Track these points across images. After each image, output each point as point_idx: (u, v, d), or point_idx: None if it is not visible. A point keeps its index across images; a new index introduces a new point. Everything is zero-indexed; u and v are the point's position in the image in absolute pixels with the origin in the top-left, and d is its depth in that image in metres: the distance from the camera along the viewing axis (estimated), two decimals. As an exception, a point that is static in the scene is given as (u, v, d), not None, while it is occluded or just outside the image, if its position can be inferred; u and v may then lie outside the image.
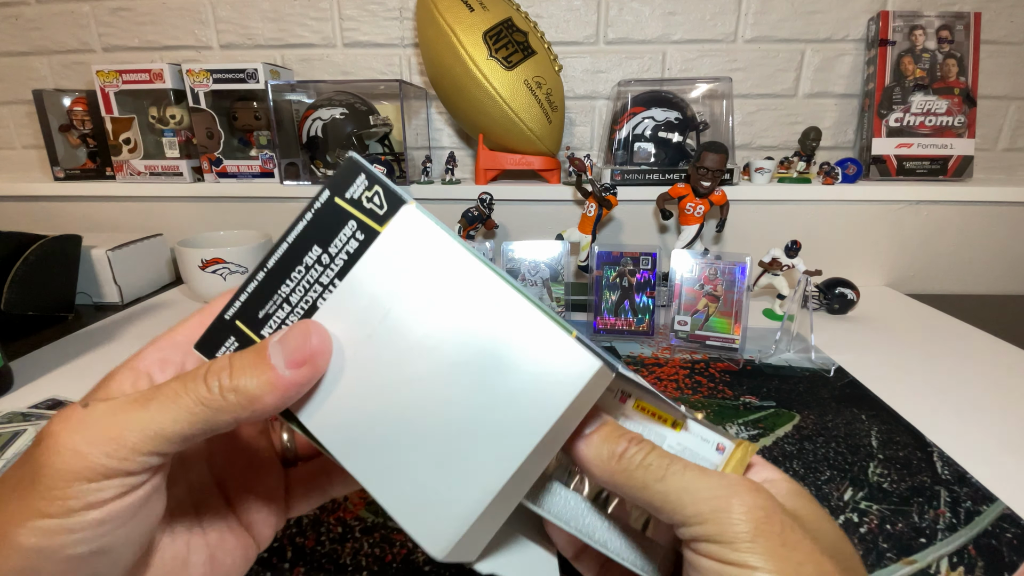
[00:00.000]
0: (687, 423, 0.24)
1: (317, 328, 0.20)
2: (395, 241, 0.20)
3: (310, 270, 0.21)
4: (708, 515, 0.19)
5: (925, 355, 0.65)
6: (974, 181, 0.92)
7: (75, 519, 0.17)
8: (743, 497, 0.19)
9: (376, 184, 0.21)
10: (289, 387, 0.19)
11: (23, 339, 0.70)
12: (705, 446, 0.24)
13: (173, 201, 0.98)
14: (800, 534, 0.19)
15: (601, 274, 0.70)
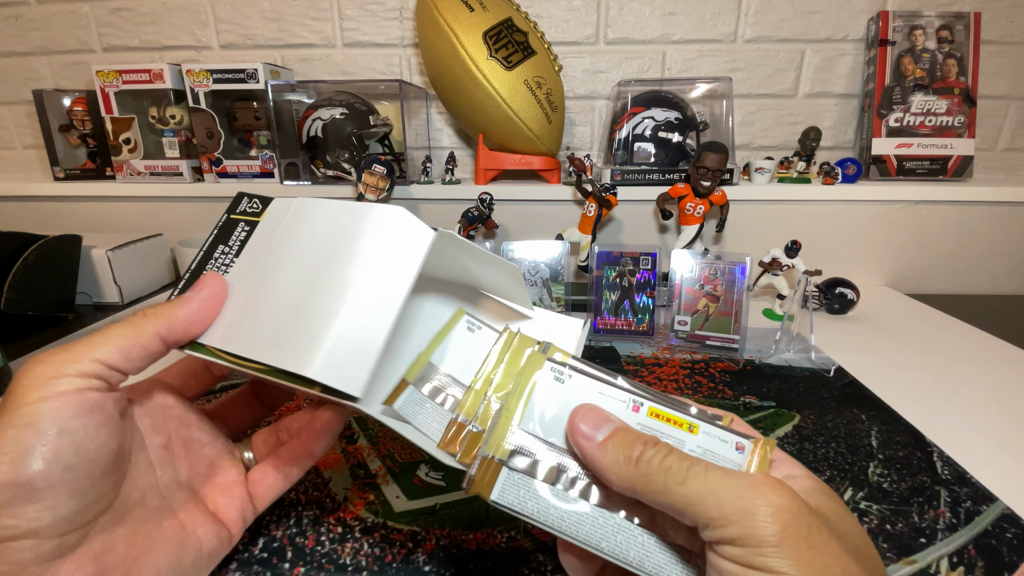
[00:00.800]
0: (701, 425, 0.24)
1: (212, 274, 0.29)
2: (268, 219, 0.32)
3: (218, 260, 0.32)
4: (732, 517, 0.19)
5: (925, 355, 0.65)
6: (974, 181, 0.92)
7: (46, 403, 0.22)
8: (768, 498, 0.19)
9: (255, 197, 0.35)
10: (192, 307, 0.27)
11: (23, 339, 0.70)
12: (724, 447, 0.24)
13: (173, 201, 0.98)
14: (827, 536, 0.19)
15: (601, 274, 0.70)
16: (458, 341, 0.32)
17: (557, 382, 0.26)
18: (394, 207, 0.28)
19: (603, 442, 0.23)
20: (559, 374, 0.26)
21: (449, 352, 0.31)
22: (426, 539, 0.36)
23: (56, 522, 0.21)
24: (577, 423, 0.24)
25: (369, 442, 0.47)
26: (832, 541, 0.19)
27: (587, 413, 0.24)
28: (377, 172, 0.75)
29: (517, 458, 0.24)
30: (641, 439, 0.22)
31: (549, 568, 0.34)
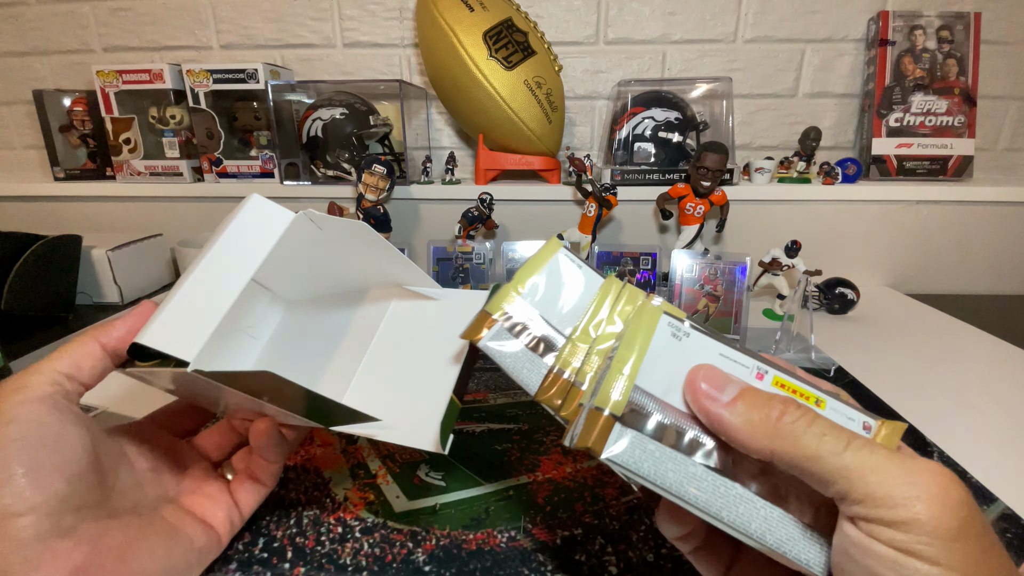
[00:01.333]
0: (828, 400, 0.22)
1: (146, 301, 0.30)
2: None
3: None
4: (901, 500, 0.17)
5: (925, 355, 0.65)
6: (974, 181, 0.92)
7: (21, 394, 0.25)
8: (947, 488, 0.17)
9: None
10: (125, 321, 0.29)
11: (23, 339, 0.70)
12: (851, 424, 0.22)
13: (173, 201, 0.98)
14: (995, 540, 0.18)
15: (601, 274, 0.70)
16: (552, 277, 0.27)
17: (674, 339, 0.24)
18: (254, 195, 0.32)
19: (732, 401, 0.21)
20: (676, 331, 0.24)
21: (542, 289, 0.27)
22: (426, 539, 0.36)
23: (48, 500, 0.23)
24: (698, 382, 0.22)
25: (369, 442, 0.47)
26: (999, 545, 0.18)
27: (709, 372, 0.23)
28: (377, 172, 0.75)
29: (631, 414, 0.22)
30: (779, 399, 0.21)
31: (549, 568, 0.34)
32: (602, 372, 0.24)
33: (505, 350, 0.25)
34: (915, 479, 0.18)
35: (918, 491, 0.17)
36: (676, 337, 0.24)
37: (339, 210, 0.81)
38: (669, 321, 0.24)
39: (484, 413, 0.51)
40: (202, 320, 0.27)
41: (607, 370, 0.23)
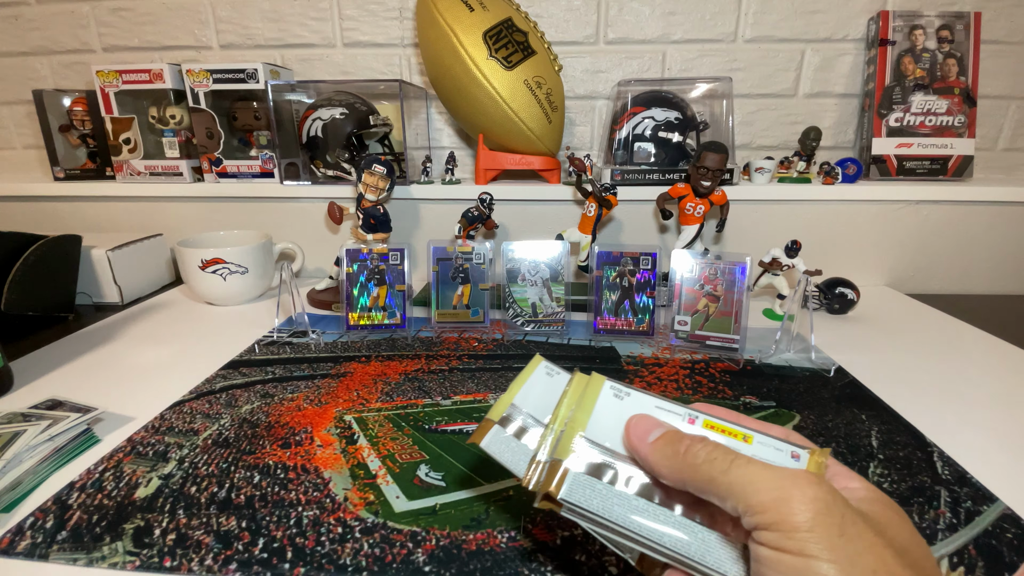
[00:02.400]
0: (756, 436, 0.26)
1: None
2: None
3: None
4: (769, 504, 0.20)
5: (925, 355, 0.65)
6: (974, 181, 0.92)
7: None
8: (804, 489, 0.20)
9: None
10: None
11: (23, 339, 0.70)
12: (780, 455, 0.25)
13: (173, 201, 0.98)
14: (862, 527, 0.20)
15: (601, 274, 0.70)
16: (538, 384, 0.33)
17: (617, 399, 0.29)
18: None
19: (654, 441, 0.25)
20: (618, 392, 0.29)
21: (531, 394, 0.33)
22: (426, 539, 0.36)
23: None
24: (631, 428, 0.26)
25: (369, 442, 0.47)
26: (867, 532, 0.19)
27: (640, 420, 0.27)
28: (377, 172, 0.75)
29: (581, 461, 0.26)
30: (688, 437, 0.24)
31: (549, 568, 0.34)
32: (560, 434, 0.28)
33: (500, 446, 0.30)
34: (780, 484, 0.20)
35: (781, 493, 0.20)
36: (618, 398, 0.29)
37: (339, 210, 0.81)
38: (611, 385, 0.30)
39: (484, 413, 0.51)
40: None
41: (564, 432, 0.28)
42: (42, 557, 0.35)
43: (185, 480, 0.42)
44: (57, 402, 0.52)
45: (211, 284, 0.79)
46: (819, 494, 0.20)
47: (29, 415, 0.49)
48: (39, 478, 0.43)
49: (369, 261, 0.71)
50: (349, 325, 0.71)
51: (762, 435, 0.26)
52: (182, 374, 0.60)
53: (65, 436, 0.47)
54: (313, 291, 0.85)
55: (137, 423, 0.51)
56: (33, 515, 0.39)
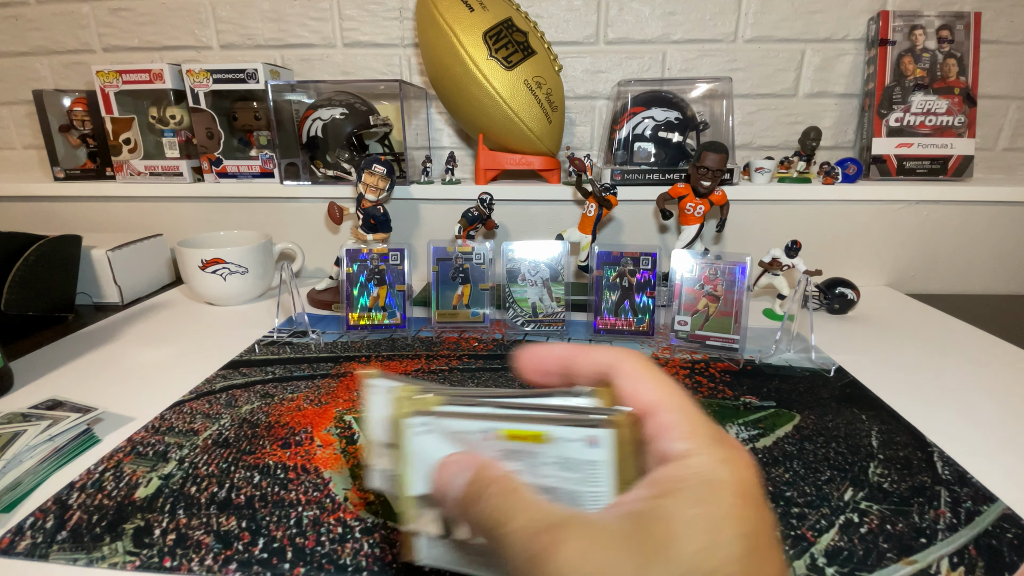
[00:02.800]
0: (550, 431, 0.22)
1: None
2: None
3: None
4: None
5: (925, 355, 0.65)
6: (974, 181, 0.92)
7: None
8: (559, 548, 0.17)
9: None
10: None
11: (23, 339, 0.70)
12: (577, 447, 0.21)
13: (173, 201, 0.98)
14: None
15: (601, 274, 0.70)
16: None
17: (429, 433, 0.24)
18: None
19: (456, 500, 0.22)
20: (427, 425, 0.24)
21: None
22: (426, 539, 0.36)
23: None
24: (435, 485, 0.23)
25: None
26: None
27: (439, 476, 0.22)
28: (377, 172, 0.75)
29: (421, 522, 0.24)
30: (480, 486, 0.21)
31: (549, 568, 0.34)
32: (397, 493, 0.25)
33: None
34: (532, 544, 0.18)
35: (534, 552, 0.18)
36: (430, 430, 0.24)
37: (339, 210, 0.81)
38: (421, 421, 0.24)
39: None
40: None
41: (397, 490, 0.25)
42: (42, 557, 0.35)
43: (185, 480, 0.42)
44: (57, 402, 0.52)
45: (211, 284, 0.79)
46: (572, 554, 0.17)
47: (29, 415, 0.49)
48: (39, 478, 0.43)
49: (369, 261, 0.71)
50: (349, 325, 0.71)
51: (556, 427, 0.22)
52: (182, 374, 0.60)
53: (65, 436, 0.47)
54: (313, 291, 0.85)
55: (137, 423, 0.51)
56: (33, 515, 0.39)
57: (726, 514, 0.17)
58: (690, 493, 0.17)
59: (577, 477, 0.21)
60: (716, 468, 0.18)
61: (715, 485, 0.18)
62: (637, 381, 0.21)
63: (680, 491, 0.18)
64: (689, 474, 0.18)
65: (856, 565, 0.34)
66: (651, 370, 0.21)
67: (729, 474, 0.18)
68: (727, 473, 0.18)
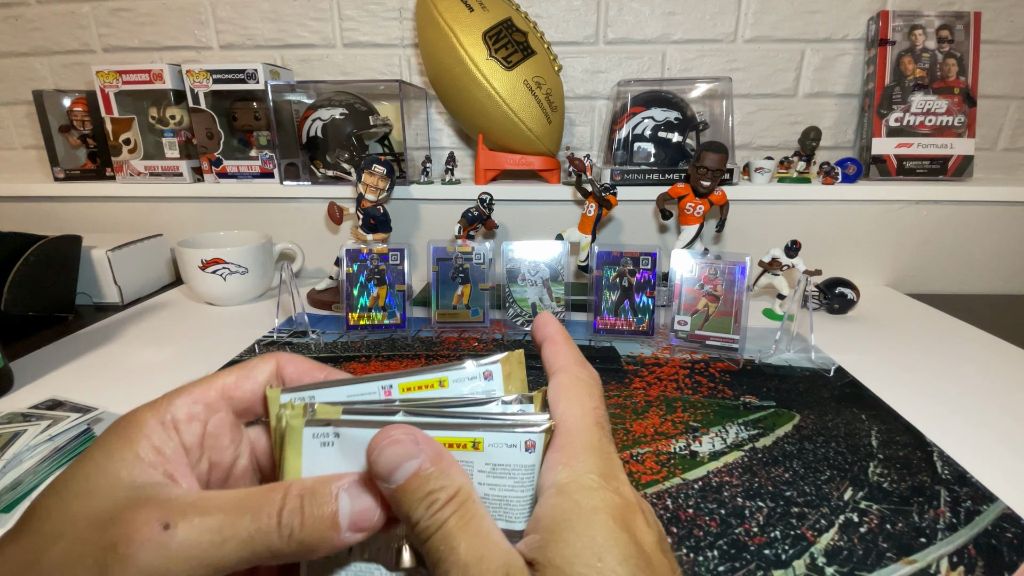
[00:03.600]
0: (485, 438, 0.21)
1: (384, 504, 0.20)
2: None
3: None
4: None
5: (925, 355, 0.65)
6: (974, 181, 0.92)
7: None
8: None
9: None
10: (340, 547, 0.19)
11: (23, 339, 0.70)
12: (514, 453, 0.21)
13: (173, 201, 0.98)
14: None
15: (601, 274, 0.70)
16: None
17: (325, 447, 0.21)
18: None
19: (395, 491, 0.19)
20: (324, 438, 0.21)
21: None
22: (426, 539, 0.36)
23: None
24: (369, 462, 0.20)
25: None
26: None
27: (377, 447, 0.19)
28: (377, 172, 0.75)
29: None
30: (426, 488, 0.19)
31: (549, 568, 0.34)
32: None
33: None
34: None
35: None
36: (327, 444, 0.21)
37: (339, 210, 0.81)
38: (314, 432, 0.21)
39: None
40: None
41: None
42: (42, 557, 0.35)
43: (185, 480, 0.42)
44: (57, 402, 0.52)
45: (211, 284, 0.79)
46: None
47: (29, 415, 0.49)
48: (39, 478, 0.43)
49: (369, 261, 0.71)
50: (349, 325, 0.71)
51: (491, 432, 0.21)
52: (182, 374, 0.60)
53: (65, 436, 0.47)
54: (313, 291, 0.85)
55: (137, 423, 0.50)
56: (33, 515, 0.39)
57: (606, 541, 0.17)
58: (571, 526, 0.18)
59: (510, 483, 0.21)
60: (590, 496, 0.19)
61: (592, 513, 0.18)
62: (555, 396, 0.22)
63: (562, 525, 0.18)
64: (568, 505, 0.18)
65: (856, 565, 0.34)
66: (572, 387, 0.22)
67: (600, 500, 0.18)
68: (598, 500, 0.18)
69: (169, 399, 0.21)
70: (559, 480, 0.19)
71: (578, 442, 0.20)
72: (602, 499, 0.18)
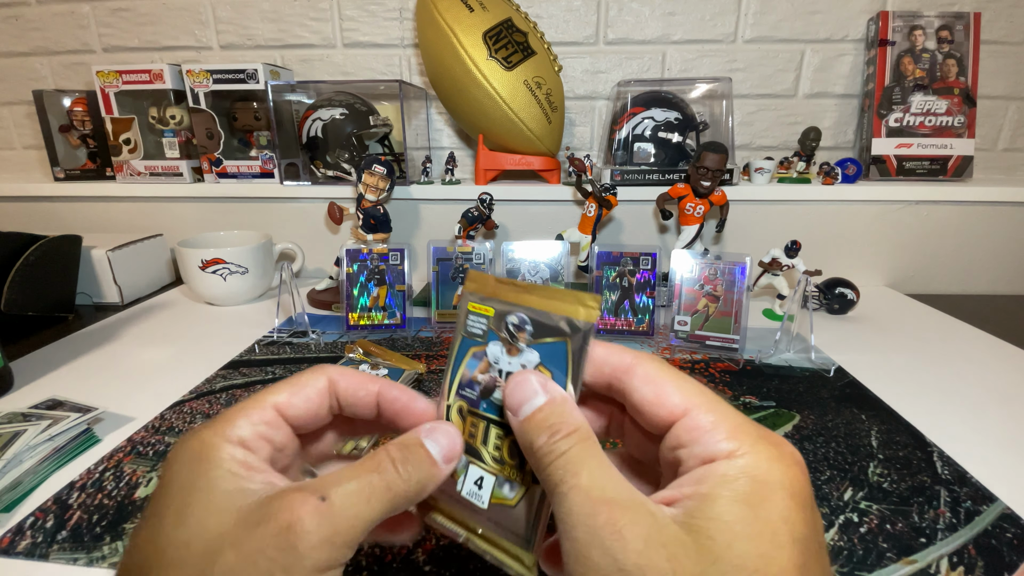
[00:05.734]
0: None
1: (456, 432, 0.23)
2: None
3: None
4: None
5: (925, 355, 0.65)
6: (974, 181, 0.92)
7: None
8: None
9: None
10: (444, 477, 0.22)
11: (23, 339, 0.70)
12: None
13: (173, 201, 0.98)
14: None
15: (601, 274, 0.70)
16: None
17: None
18: None
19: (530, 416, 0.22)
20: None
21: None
22: (426, 539, 0.36)
23: None
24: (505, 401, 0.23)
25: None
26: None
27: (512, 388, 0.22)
28: (377, 172, 0.75)
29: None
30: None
31: (549, 568, 0.34)
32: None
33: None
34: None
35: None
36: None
37: (339, 210, 0.81)
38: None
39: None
40: None
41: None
42: (42, 557, 0.35)
43: (185, 480, 0.42)
44: (57, 402, 0.52)
45: (211, 284, 0.79)
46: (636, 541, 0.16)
47: (29, 415, 0.49)
48: (39, 478, 0.43)
49: (369, 261, 0.71)
50: (349, 325, 0.71)
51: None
52: (182, 374, 0.60)
53: (65, 436, 0.47)
54: (313, 291, 0.85)
55: (137, 423, 0.51)
56: (33, 515, 0.39)
57: (781, 517, 0.16)
58: (741, 494, 0.17)
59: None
60: (766, 467, 0.17)
61: (766, 486, 0.17)
62: (659, 385, 0.21)
63: (730, 490, 0.17)
64: (738, 473, 0.17)
65: (856, 565, 0.34)
66: (669, 372, 0.21)
67: (780, 474, 0.17)
68: (777, 473, 0.17)
69: (230, 421, 0.22)
70: (724, 449, 0.18)
71: (728, 415, 0.19)
72: (779, 472, 0.17)
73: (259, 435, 0.22)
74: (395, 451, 0.21)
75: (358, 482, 0.20)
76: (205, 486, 0.19)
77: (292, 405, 0.23)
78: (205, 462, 0.20)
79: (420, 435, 0.22)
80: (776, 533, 0.16)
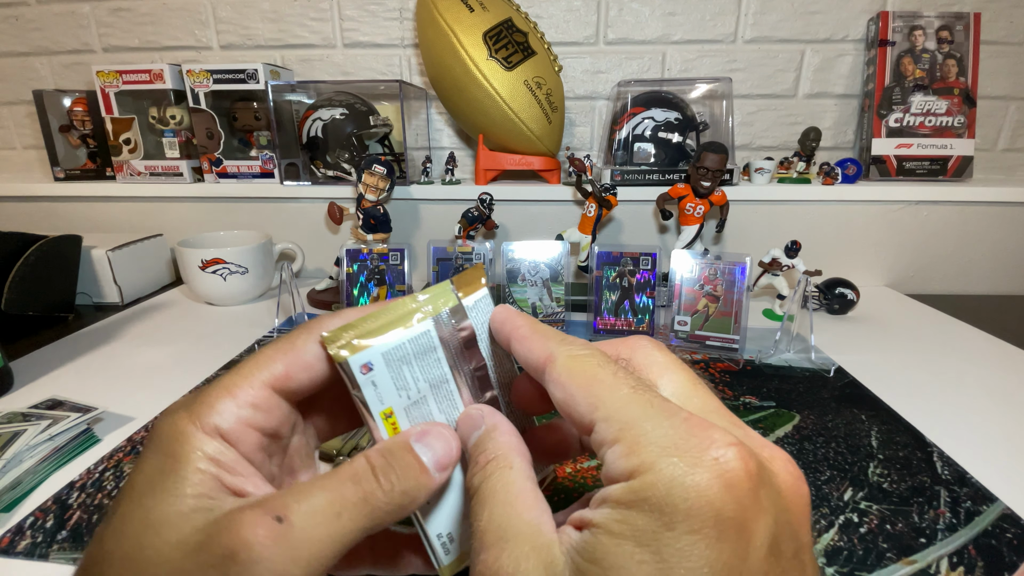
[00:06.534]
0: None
1: (453, 435, 0.21)
2: None
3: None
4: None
5: (925, 355, 0.65)
6: (974, 181, 0.92)
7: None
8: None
9: None
10: (436, 487, 0.20)
11: (23, 339, 0.70)
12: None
13: (173, 201, 0.98)
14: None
15: (601, 274, 0.70)
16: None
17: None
18: None
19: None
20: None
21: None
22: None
23: None
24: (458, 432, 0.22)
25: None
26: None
27: (462, 424, 0.22)
28: (377, 172, 0.75)
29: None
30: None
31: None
32: None
33: None
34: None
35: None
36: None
37: (339, 210, 0.81)
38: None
39: (484, 413, 0.51)
40: None
41: None
42: (42, 557, 0.35)
43: (185, 480, 0.42)
44: (57, 402, 0.52)
45: (211, 284, 0.79)
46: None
47: (29, 415, 0.49)
48: (39, 478, 0.43)
49: (369, 261, 0.71)
50: (349, 325, 0.71)
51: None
52: (182, 374, 0.60)
53: (65, 436, 0.47)
54: (313, 291, 0.85)
55: (137, 423, 0.51)
56: (33, 515, 0.39)
57: (680, 557, 0.13)
58: (631, 529, 0.14)
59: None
60: (665, 490, 0.14)
61: (667, 515, 0.14)
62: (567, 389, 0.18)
63: (620, 525, 0.14)
64: (631, 499, 0.15)
65: (856, 565, 0.34)
66: (583, 367, 0.18)
67: (693, 494, 0.14)
68: (689, 492, 0.14)
69: (210, 404, 0.19)
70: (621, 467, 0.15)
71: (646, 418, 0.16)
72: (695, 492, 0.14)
73: (243, 422, 0.19)
74: (376, 458, 0.19)
75: (327, 495, 0.17)
76: (157, 491, 0.17)
77: (290, 377, 0.20)
78: (172, 459, 0.18)
79: (410, 439, 0.20)
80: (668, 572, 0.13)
